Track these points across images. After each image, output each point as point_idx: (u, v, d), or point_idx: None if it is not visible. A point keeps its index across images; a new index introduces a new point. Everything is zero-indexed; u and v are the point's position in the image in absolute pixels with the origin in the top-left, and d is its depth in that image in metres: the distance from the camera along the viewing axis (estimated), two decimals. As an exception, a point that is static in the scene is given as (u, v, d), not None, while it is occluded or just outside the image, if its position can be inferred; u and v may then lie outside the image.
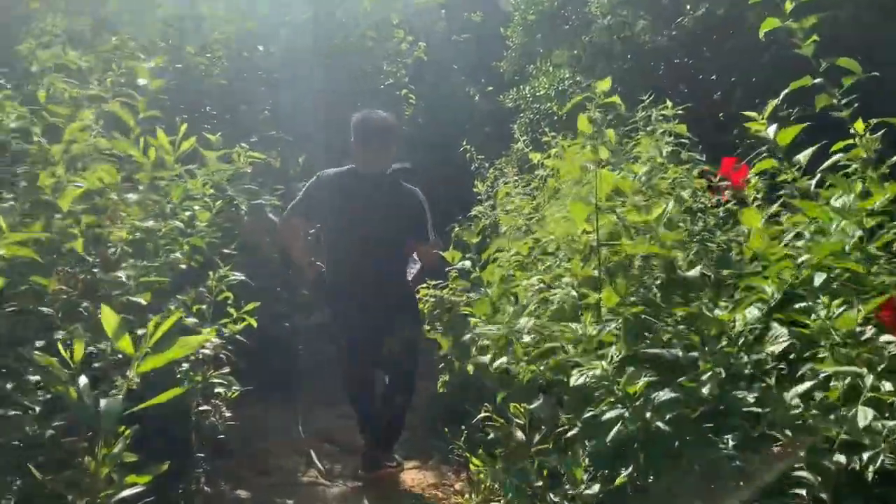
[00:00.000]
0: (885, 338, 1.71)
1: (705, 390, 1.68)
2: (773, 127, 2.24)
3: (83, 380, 1.90)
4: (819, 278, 1.80)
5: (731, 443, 1.67)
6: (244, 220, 4.49)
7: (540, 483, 2.30)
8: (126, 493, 1.87)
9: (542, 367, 2.09)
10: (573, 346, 1.79)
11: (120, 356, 2.22)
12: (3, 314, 2.27)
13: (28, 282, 2.29)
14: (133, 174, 3.32)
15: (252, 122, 6.44)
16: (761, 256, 2.01)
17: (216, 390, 2.94)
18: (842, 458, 1.58)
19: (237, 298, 3.29)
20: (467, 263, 2.47)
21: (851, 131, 2.10)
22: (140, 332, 2.04)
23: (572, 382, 1.69)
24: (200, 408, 2.95)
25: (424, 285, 3.94)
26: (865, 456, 1.53)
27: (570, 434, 2.08)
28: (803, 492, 1.63)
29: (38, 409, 1.89)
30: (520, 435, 2.46)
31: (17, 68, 3.42)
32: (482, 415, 2.95)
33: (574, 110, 8.23)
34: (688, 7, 5.20)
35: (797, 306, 1.80)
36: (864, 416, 1.56)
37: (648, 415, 1.63)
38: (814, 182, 2.19)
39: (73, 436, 2.11)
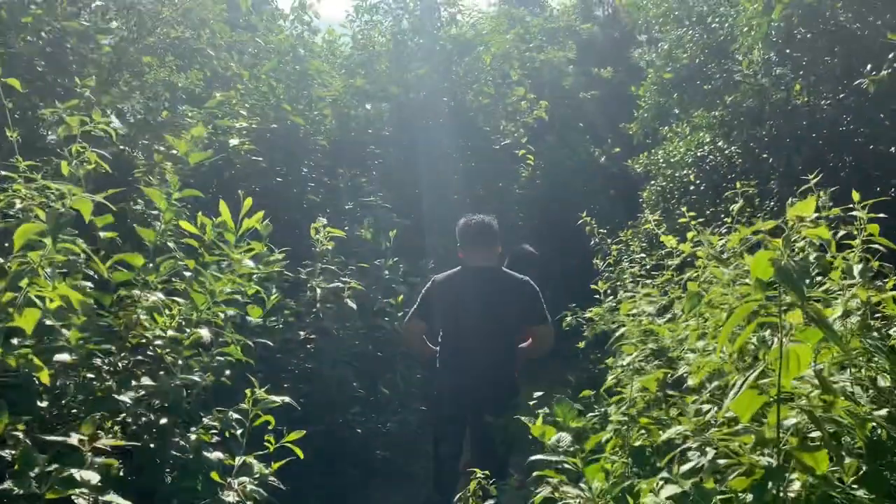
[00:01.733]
0: None
1: None
2: None
3: None
4: None
5: None
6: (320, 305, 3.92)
7: None
8: None
9: None
10: None
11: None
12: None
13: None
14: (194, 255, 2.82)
15: (352, 186, 5.96)
16: None
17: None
18: None
19: (289, 413, 2.65)
20: (564, 439, 1.71)
21: None
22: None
23: None
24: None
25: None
26: None
27: None
28: None
29: None
30: None
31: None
32: None
33: (712, 179, 7.22)
34: (868, 67, 4.23)
35: None
36: None
37: None
38: None
39: None
